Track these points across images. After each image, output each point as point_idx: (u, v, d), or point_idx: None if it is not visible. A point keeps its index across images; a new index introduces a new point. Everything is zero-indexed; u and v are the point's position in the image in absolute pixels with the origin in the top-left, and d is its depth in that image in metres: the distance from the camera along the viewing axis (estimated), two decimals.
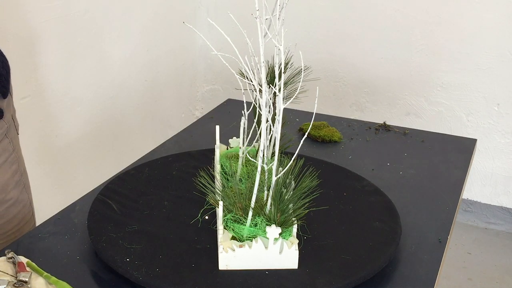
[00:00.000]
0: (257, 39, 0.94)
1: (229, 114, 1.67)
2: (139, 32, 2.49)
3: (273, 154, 1.02)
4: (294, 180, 1.03)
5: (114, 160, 2.41)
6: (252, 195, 0.98)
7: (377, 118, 2.60)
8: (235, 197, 1.01)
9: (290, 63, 1.14)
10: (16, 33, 1.87)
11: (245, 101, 1.10)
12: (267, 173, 0.99)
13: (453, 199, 1.28)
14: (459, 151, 1.51)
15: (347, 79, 2.78)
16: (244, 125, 1.15)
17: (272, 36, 0.94)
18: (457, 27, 2.53)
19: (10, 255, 0.96)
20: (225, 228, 0.98)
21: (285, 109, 0.98)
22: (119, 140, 2.48)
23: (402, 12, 2.59)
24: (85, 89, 2.23)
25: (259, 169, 0.98)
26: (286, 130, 1.36)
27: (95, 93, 2.29)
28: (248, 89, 1.04)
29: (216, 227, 1.05)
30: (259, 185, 0.99)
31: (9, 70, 1.18)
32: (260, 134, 1.03)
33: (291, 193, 1.00)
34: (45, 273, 0.94)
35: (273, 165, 0.98)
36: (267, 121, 1.00)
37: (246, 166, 1.15)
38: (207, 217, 1.09)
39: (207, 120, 1.64)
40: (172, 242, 1.02)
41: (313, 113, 1.05)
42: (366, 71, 2.73)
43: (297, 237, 0.97)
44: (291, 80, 1.15)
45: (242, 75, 1.01)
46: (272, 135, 1.04)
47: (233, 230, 0.98)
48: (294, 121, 1.62)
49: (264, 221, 0.98)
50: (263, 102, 0.97)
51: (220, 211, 0.98)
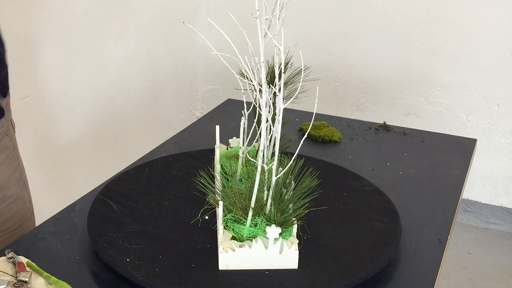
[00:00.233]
0: (257, 39, 0.94)
1: (229, 114, 1.67)
2: (139, 32, 2.49)
3: (273, 154, 1.02)
4: (294, 180, 1.03)
5: (114, 160, 2.41)
6: (252, 195, 0.98)
7: (377, 118, 2.59)
8: (235, 197, 1.01)
9: (290, 63, 1.14)
10: (16, 33, 1.87)
11: (245, 101, 1.10)
12: (267, 173, 0.99)
13: (453, 199, 1.28)
14: (459, 151, 1.51)
15: (347, 79, 2.78)
16: (244, 125, 1.15)
17: (272, 36, 0.94)
18: (457, 27, 2.53)
19: (10, 255, 0.96)
20: (225, 228, 0.98)
21: (285, 109, 0.98)
22: (119, 140, 2.47)
23: (402, 12, 2.59)
24: (85, 89, 2.23)
25: (259, 169, 0.98)
26: (286, 130, 1.36)
27: (95, 93, 2.29)
28: (248, 89, 1.03)
29: (216, 227, 1.05)
30: (259, 185, 0.99)
31: (7, 70, 1.18)
32: (260, 134, 1.03)
33: (291, 193, 1.00)
34: (45, 273, 0.94)
35: (273, 165, 0.98)
36: (267, 121, 1.00)
37: (246, 166, 1.15)
38: (207, 217, 1.09)
39: (207, 120, 1.64)
40: (172, 242, 1.02)
41: (313, 113, 1.05)
42: (366, 71, 2.73)
43: (297, 237, 0.97)
44: (291, 80, 1.15)
45: (242, 75, 1.01)
46: (272, 135, 1.04)
47: (233, 230, 0.98)
48: (294, 121, 1.62)
49: (264, 221, 0.98)
50: (263, 102, 0.97)
51: (220, 211, 0.98)
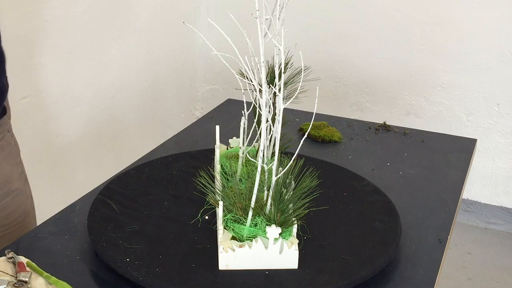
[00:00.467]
0: (257, 39, 0.94)
1: (229, 114, 1.67)
2: (139, 32, 2.49)
3: (273, 154, 1.02)
4: (294, 180, 1.03)
5: (114, 160, 2.41)
6: (252, 195, 0.98)
7: (377, 118, 2.60)
8: (235, 197, 1.01)
9: (290, 63, 1.14)
10: (16, 33, 1.87)
11: (245, 101, 1.10)
12: (267, 173, 0.99)
13: (453, 199, 1.28)
14: (459, 151, 1.51)
15: (347, 79, 2.78)
16: (244, 125, 1.15)
17: (272, 36, 0.94)
18: (457, 27, 2.53)
19: (10, 255, 0.96)
20: (225, 228, 0.98)
21: (285, 109, 0.98)
22: (119, 140, 2.47)
23: (402, 12, 2.59)
24: (85, 89, 2.23)
25: (259, 169, 0.98)
26: (286, 130, 1.36)
27: (95, 93, 2.29)
28: (248, 89, 1.03)
29: (216, 227, 1.05)
30: (259, 185, 0.99)
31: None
32: (260, 134, 1.03)
33: (291, 193, 1.00)
34: (45, 273, 0.93)
35: (273, 165, 0.98)
36: (267, 121, 1.00)
37: (246, 166, 1.15)
38: (207, 217, 1.09)
39: (207, 120, 1.64)
40: (172, 242, 1.02)
41: (313, 113, 1.05)
42: (366, 71, 2.73)
43: (297, 237, 0.97)
44: (291, 80, 1.15)
45: (242, 75, 1.01)
46: (272, 135, 1.04)
47: (233, 230, 0.98)
48: (294, 121, 1.62)
49: (264, 221, 0.98)
50: (263, 102, 0.97)
51: (220, 211, 0.98)
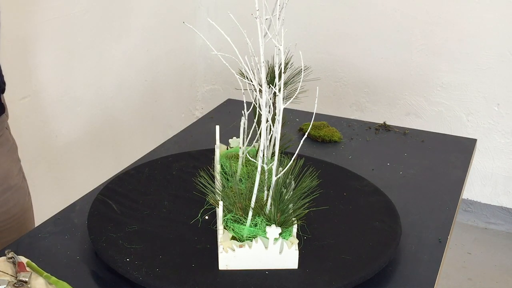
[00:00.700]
0: (257, 39, 0.94)
1: (229, 114, 1.67)
2: (139, 32, 2.49)
3: (273, 154, 1.02)
4: (294, 180, 1.03)
5: (114, 160, 2.41)
6: (252, 195, 0.98)
7: (377, 118, 2.59)
8: (235, 197, 1.01)
9: (290, 63, 1.14)
10: (16, 33, 1.87)
11: (245, 101, 1.10)
12: (267, 173, 0.99)
13: (453, 199, 1.28)
14: (459, 151, 1.51)
15: (347, 79, 2.78)
16: (244, 125, 1.15)
17: (272, 36, 0.94)
18: (457, 27, 2.53)
19: (10, 255, 0.96)
20: (225, 228, 0.98)
21: (285, 109, 0.98)
22: (119, 140, 2.47)
23: (402, 12, 2.59)
24: (85, 89, 2.23)
25: (259, 169, 0.98)
26: (286, 130, 1.36)
27: (95, 93, 2.29)
28: (248, 89, 1.03)
29: (216, 227, 1.05)
30: (259, 185, 0.99)
31: None
32: (260, 134, 1.03)
33: (291, 193, 1.00)
34: (45, 273, 0.93)
35: (273, 165, 0.98)
36: (267, 121, 1.00)
37: (246, 166, 1.15)
38: (207, 217, 1.09)
39: (207, 120, 1.64)
40: (172, 242, 1.02)
41: (313, 113, 1.05)
42: (366, 71, 2.73)
43: (297, 237, 0.97)
44: (291, 80, 1.15)
45: (242, 75, 1.01)
46: (272, 135, 1.04)
47: (233, 230, 0.98)
48: (294, 121, 1.62)
49: (264, 221, 0.98)
50: (263, 102, 0.97)
51: (220, 211, 0.98)
